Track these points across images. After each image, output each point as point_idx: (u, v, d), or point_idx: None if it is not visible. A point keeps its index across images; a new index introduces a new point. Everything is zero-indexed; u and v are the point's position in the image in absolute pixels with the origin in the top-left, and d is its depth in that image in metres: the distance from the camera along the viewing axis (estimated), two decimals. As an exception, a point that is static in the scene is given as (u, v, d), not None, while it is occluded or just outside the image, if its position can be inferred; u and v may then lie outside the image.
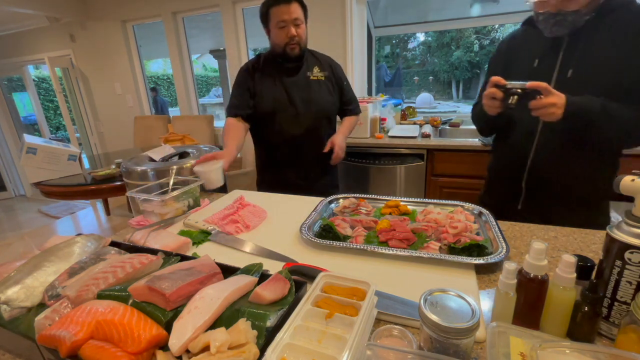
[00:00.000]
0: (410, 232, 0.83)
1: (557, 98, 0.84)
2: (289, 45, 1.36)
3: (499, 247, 0.74)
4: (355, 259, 0.78)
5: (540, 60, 0.96)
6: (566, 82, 0.91)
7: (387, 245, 0.81)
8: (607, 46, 0.86)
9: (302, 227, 0.88)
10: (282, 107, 1.42)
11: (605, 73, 0.87)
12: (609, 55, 0.86)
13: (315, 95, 1.46)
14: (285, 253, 0.81)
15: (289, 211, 1.07)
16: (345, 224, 0.91)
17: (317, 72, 1.49)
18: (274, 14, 1.33)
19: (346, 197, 1.09)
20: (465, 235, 0.79)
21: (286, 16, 1.32)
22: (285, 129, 1.44)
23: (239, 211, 1.01)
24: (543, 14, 0.88)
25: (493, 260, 0.69)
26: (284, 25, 1.33)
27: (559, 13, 0.85)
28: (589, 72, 0.88)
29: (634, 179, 0.49)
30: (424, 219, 0.91)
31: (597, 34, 0.86)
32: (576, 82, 0.89)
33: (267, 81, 1.44)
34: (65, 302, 0.58)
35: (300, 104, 1.43)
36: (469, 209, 0.95)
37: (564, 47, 0.91)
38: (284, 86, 1.43)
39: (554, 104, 0.83)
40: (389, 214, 0.97)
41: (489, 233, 0.83)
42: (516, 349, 0.44)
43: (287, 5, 1.31)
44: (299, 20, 1.35)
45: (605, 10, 0.85)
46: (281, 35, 1.35)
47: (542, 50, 0.95)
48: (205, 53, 6.50)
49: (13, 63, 4.61)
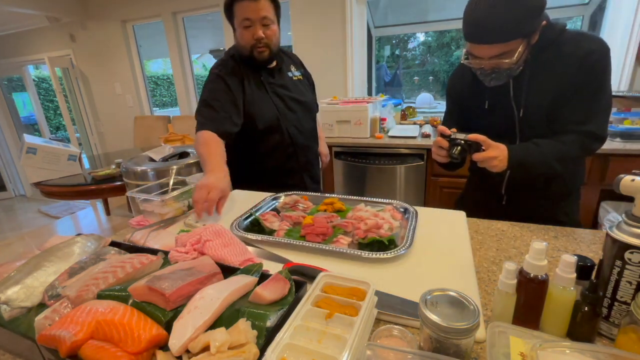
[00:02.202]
0: (328, 228, 0.86)
1: (498, 151, 0.86)
2: (255, 47, 1.19)
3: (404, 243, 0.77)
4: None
5: (490, 103, 1.00)
6: (521, 121, 0.95)
7: (304, 239, 0.85)
8: (547, 82, 0.90)
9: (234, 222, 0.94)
10: (281, 119, 1.29)
11: (549, 107, 0.91)
12: (550, 89, 0.90)
13: (303, 97, 1.37)
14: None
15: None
16: (274, 219, 0.96)
17: (295, 72, 1.39)
18: (239, 10, 1.15)
19: (288, 194, 1.13)
20: (374, 232, 0.82)
21: (252, 14, 1.14)
22: (285, 139, 1.31)
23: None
24: (479, 70, 0.92)
25: (385, 255, 0.73)
26: (249, 25, 1.16)
27: (493, 71, 0.89)
28: (536, 108, 0.92)
29: (634, 179, 0.49)
30: (352, 217, 0.93)
31: (537, 71, 0.91)
32: (529, 119, 0.94)
33: (259, 93, 1.27)
34: (65, 302, 0.58)
35: (298, 110, 1.34)
36: (397, 207, 0.99)
37: (511, 92, 0.95)
38: (276, 93, 1.30)
39: (494, 157, 0.86)
40: (324, 210, 1.00)
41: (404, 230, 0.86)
42: (516, 349, 0.44)
43: (254, 2, 1.13)
44: (268, 20, 1.17)
45: (540, 49, 0.88)
46: (246, 35, 1.18)
47: (490, 93, 0.98)
48: (205, 53, 6.49)
49: (13, 63, 4.61)
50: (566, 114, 0.90)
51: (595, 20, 2.43)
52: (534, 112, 0.93)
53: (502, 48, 0.82)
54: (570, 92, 0.88)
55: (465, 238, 0.84)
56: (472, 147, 0.89)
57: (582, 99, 0.88)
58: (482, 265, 0.75)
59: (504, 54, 0.83)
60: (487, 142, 0.87)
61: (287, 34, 3.06)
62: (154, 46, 4.38)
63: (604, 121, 0.90)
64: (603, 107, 0.89)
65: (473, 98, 1.04)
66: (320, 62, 2.84)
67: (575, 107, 0.89)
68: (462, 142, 0.89)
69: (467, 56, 0.90)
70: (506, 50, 0.82)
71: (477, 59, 0.88)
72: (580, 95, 0.88)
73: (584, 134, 0.88)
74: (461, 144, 0.89)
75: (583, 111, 0.88)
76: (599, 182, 1.86)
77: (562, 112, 0.90)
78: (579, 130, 0.88)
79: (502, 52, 0.83)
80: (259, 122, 1.26)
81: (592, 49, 0.85)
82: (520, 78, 0.92)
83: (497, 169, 0.87)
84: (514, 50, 0.82)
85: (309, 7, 2.81)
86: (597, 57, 0.85)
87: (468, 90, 1.06)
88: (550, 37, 0.87)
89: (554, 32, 0.88)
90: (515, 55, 0.83)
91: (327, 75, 2.88)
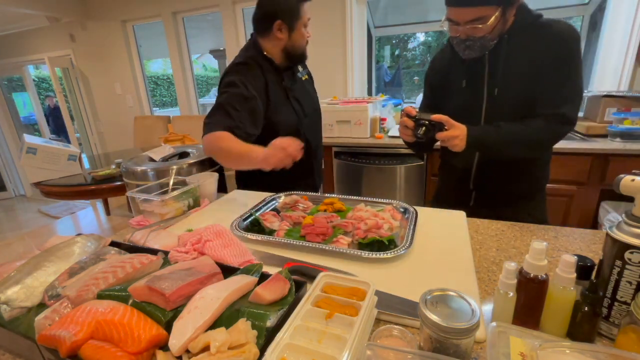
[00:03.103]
0: (328, 228, 0.87)
1: (458, 131, 0.93)
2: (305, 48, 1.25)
3: (404, 243, 0.78)
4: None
5: (467, 81, 1.03)
6: (495, 100, 0.99)
7: (304, 239, 0.84)
8: (522, 64, 0.94)
9: (234, 222, 0.94)
10: (299, 124, 1.27)
11: (523, 89, 0.95)
12: (525, 72, 0.94)
13: (315, 100, 1.39)
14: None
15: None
16: (274, 219, 0.96)
17: (302, 71, 1.37)
18: (305, 11, 1.19)
19: (288, 194, 1.13)
20: (374, 232, 0.82)
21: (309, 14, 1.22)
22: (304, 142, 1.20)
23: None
24: (455, 39, 0.96)
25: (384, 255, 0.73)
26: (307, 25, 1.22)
27: (468, 39, 0.93)
28: (511, 89, 0.96)
29: (634, 179, 0.49)
30: (352, 216, 0.93)
31: (513, 53, 0.95)
32: (503, 98, 0.98)
33: (281, 99, 1.24)
34: (65, 302, 0.58)
35: (312, 114, 1.34)
36: (397, 207, 0.99)
37: (487, 69, 0.99)
38: (296, 98, 1.28)
39: (455, 136, 0.92)
40: (324, 210, 1.00)
41: (404, 230, 0.86)
42: (516, 349, 0.44)
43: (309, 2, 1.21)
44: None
45: (517, 31, 0.94)
46: (304, 35, 1.22)
47: (467, 71, 1.02)
48: (205, 53, 6.49)
49: (13, 63, 4.61)
50: (540, 96, 0.94)
51: (595, 20, 2.43)
52: (508, 91, 0.97)
53: (477, 12, 0.87)
54: (545, 74, 0.92)
55: (465, 238, 0.84)
56: (436, 127, 0.94)
57: (556, 82, 0.92)
58: (482, 265, 0.75)
59: (478, 19, 0.88)
60: (450, 122, 0.92)
61: (287, 34, 3.05)
62: (154, 46, 4.38)
63: (576, 105, 0.94)
64: (576, 92, 0.93)
65: (452, 76, 1.08)
66: (320, 62, 2.84)
67: (549, 89, 0.93)
68: (427, 122, 0.94)
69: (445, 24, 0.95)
70: (481, 16, 0.87)
71: (454, 25, 0.93)
72: (555, 78, 0.92)
73: (556, 116, 0.92)
74: (425, 124, 0.94)
75: (558, 94, 0.92)
76: (599, 182, 1.86)
77: (536, 94, 0.94)
78: (552, 112, 0.92)
79: (477, 16, 0.88)
80: (281, 129, 1.21)
81: (566, 33, 0.90)
82: (497, 57, 0.96)
83: (458, 147, 0.93)
84: (488, 15, 0.87)
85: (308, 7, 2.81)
86: (571, 42, 0.90)
87: (448, 67, 1.10)
88: (528, 21, 0.93)
89: (531, 16, 0.94)
90: (489, 21, 0.88)
91: (327, 75, 2.88)
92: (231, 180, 2.59)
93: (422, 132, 0.94)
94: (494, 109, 1.00)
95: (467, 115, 0.99)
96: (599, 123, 2.01)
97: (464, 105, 1.04)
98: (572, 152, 1.84)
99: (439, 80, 1.13)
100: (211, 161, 1.64)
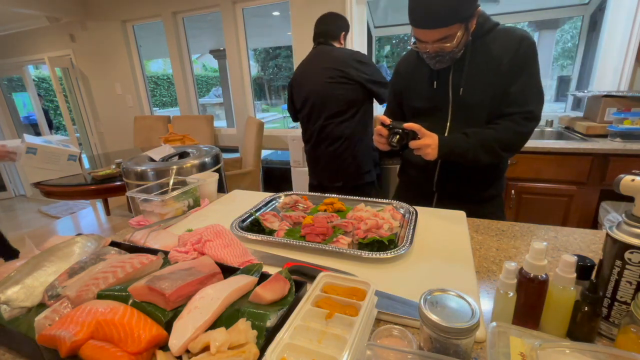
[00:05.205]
0: (327, 228, 0.87)
1: (430, 140, 0.95)
2: None
3: (404, 243, 0.78)
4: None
5: (437, 83, 1.05)
6: (460, 100, 1.02)
7: (304, 239, 0.84)
8: (482, 66, 0.98)
9: (234, 222, 0.94)
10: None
11: (485, 90, 0.99)
12: (487, 71, 0.98)
13: None
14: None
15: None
16: (274, 219, 0.96)
17: None
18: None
19: (288, 194, 1.14)
20: (373, 232, 0.82)
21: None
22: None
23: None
24: (425, 54, 0.98)
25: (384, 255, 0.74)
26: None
27: (437, 54, 0.96)
28: (474, 89, 1.00)
29: (634, 179, 0.49)
30: (352, 216, 0.93)
31: (476, 55, 0.99)
32: (468, 98, 1.01)
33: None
34: (65, 302, 0.58)
35: None
36: (397, 207, 1.00)
37: (451, 70, 1.02)
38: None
39: (428, 145, 0.95)
40: (324, 210, 1.00)
41: (404, 230, 0.87)
42: (516, 349, 0.44)
43: None
44: None
45: (478, 35, 0.98)
46: None
47: (435, 74, 1.05)
48: (205, 53, 6.49)
49: (13, 63, 4.61)
50: (505, 96, 0.97)
51: (595, 20, 2.43)
52: (473, 91, 1.00)
53: (443, 32, 0.90)
54: (508, 75, 0.96)
55: (465, 238, 0.84)
56: (409, 136, 0.96)
57: (520, 82, 0.96)
58: (482, 265, 0.75)
59: (445, 38, 0.91)
60: (422, 131, 0.95)
61: (287, 34, 3.06)
62: (154, 46, 4.38)
63: (540, 103, 0.98)
64: (539, 91, 0.98)
65: (420, 78, 1.10)
66: (320, 62, 2.83)
67: (514, 90, 0.96)
68: (400, 130, 0.95)
69: (414, 40, 0.98)
70: (447, 35, 0.90)
71: (422, 43, 0.95)
72: (517, 78, 0.96)
73: (522, 114, 0.96)
74: (399, 133, 0.96)
75: (522, 93, 0.96)
76: (599, 182, 1.86)
77: (501, 94, 0.98)
78: (520, 110, 0.96)
79: (443, 36, 0.90)
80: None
81: (524, 36, 0.95)
82: (461, 60, 0.99)
83: (430, 156, 0.96)
84: (453, 34, 0.90)
85: (309, 7, 2.81)
86: (529, 44, 0.95)
87: (415, 71, 1.12)
88: (487, 27, 0.98)
89: (490, 24, 0.99)
90: (455, 39, 0.91)
91: (327, 75, 2.87)
92: (231, 180, 2.59)
93: (395, 140, 0.96)
94: (460, 109, 1.03)
95: (434, 116, 1.05)
96: (599, 123, 2.01)
97: (430, 106, 1.07)
98: (572, 152, 1.84)
99: (405, 85, 1.15)
100: (211, 161, 1.64)
